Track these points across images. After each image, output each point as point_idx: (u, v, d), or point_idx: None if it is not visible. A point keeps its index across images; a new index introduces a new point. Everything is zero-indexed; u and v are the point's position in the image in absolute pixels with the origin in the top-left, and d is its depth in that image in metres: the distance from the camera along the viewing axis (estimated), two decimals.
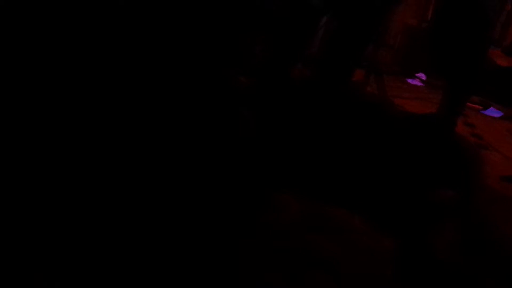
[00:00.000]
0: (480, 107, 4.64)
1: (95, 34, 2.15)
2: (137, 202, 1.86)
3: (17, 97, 2.01)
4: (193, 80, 2.39)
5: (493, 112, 4.62)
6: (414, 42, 5.21)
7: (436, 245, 2.11)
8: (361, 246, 2.02)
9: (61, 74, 2.10)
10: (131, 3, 2.21)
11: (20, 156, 1.85)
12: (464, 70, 3.34)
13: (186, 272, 1.63)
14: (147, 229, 1.75)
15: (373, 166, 2.62)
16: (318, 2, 3.25)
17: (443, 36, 3.30)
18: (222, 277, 1.64)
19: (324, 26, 4.02)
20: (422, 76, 5.04)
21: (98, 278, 1.50)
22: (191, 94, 2.35)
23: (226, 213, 1.98)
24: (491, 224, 2.37)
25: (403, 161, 2.64)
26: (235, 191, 2.13)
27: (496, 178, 2.97)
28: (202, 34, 2.52)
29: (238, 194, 2.12)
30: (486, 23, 3.35)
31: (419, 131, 3.03)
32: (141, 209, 1.83)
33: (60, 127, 2.00)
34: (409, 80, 4.99)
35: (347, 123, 2.81)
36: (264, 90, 3.00)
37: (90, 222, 1.69)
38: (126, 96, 2.17)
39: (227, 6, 2.69)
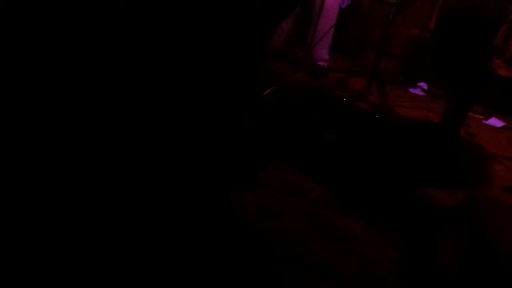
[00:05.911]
0: (482, 117, 4.63)
1: (95, 34, 2.15)
2: (138, 202, 1.86)
3: (17, 96, 2.01)
4: (197, 87, 2.40)
5: (495, 122, 4.61)
6: (416, 52, 5.22)
7: (440, 254, 2.10)
8: (362, 255, 2.02)
9: (60, 73, 2.10)
10: (131, 3, 2.19)
11: (21, 156, 1.85)
12: (466, 80, 3.35)
13: (187, 275, 1.63)
14: (147, 229, 1.75)
15: (376, 173, 2.62)
16: None
17: (445, 46, 3.31)
18: (224, 284, 1.64)
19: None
20: (424, 85, 5.04)
21: (98, 278, 1.49)
22: (195, 100, 2.35)
23: (226, 218, 1.98)
24: (493, 233, 2.36)
25: (407, 168, 2.64)
26: (235, 195, 2.13)
27: (497, 188, 2.97)
28: (208, 37, 2.51)
29: (237, 199, 2.12)
30: (488, 33, 3.36)
31: (422, 139, 3.03)
32: (141, 209, 1.83)
33: (59, 127, 2.00)
34: (411, 90, 4.99)
35: (349, 130, 2.81)
36: (265, 97, 3.00)
37: (90, 222, 1.69)
38: (129, 98, 2.17)
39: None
